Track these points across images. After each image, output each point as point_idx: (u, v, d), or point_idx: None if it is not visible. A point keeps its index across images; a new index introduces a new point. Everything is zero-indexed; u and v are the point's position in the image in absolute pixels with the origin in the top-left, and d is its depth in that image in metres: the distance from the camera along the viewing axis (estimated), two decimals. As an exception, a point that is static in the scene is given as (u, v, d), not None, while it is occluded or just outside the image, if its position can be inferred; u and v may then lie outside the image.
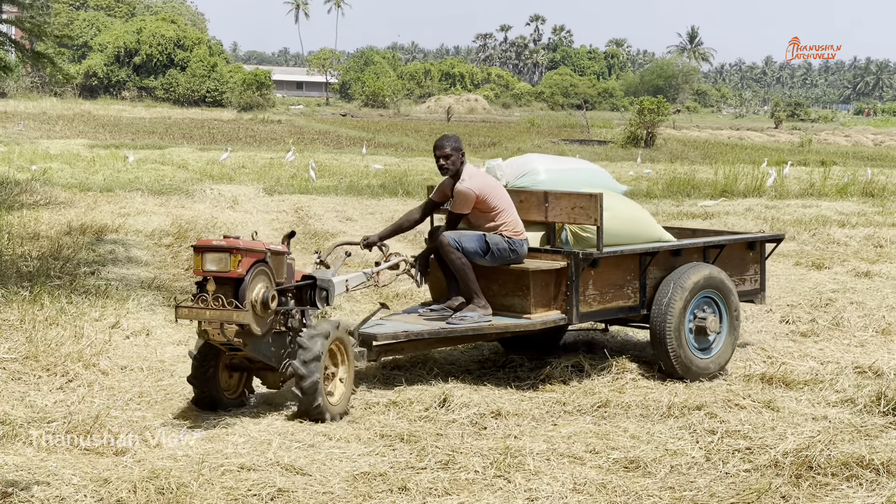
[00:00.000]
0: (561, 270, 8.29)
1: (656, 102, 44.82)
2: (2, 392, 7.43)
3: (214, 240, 6.84)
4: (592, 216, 8.25)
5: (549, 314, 8.30)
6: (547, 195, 8.59)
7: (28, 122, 45.57)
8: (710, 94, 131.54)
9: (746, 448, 6.85)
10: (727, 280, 8.93)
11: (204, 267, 6.76)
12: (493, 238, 8.24)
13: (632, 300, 8.70)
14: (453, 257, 8.17)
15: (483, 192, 8.27)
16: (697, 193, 23.90)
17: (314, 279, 7.57)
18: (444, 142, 8.34)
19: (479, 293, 8.23)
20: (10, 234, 13.74)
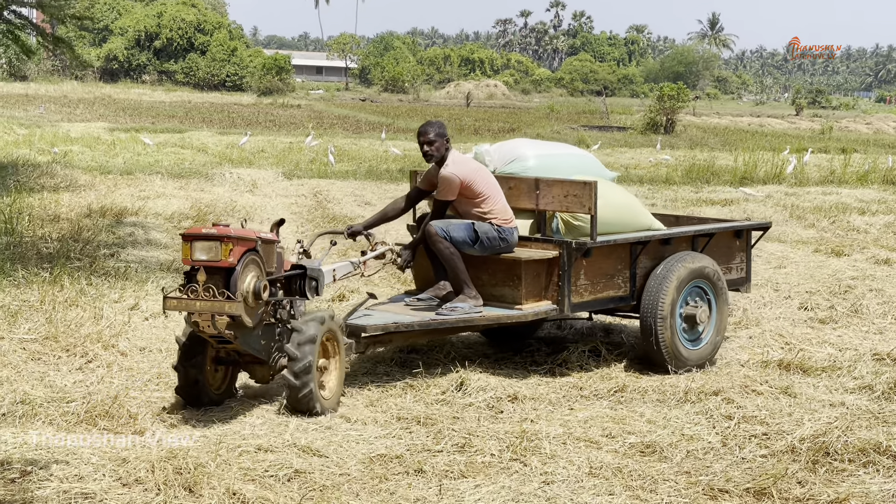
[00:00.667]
0: (553, 260, 8.08)
1: (676, 89, 44.68)
2: (22, 372, 7.48)
3: (204, 228, 6.53)
4: (586, 205, 8.02)
5: (540, 305, 8.09)
6: (538, 182, 8.33)
7: (49, 105, 45.75)
8: (730, 81, 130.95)
9: (763, 434, 6.85)
10: (717, 270, 8.71)
11: (193, 256, 6.48)
12: (482, 226, 8.01)
13: (622, 290, 8.48)
14: (441, 247, 7.94)
15: (468, 177, 8.03)
16: (717, 180, 23.82)
17: (304, 269, 7.30)
18: (428, 127, 8.12)
19: (470, 283, 8.00)
20: (31, 217, 13.82)
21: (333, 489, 5.71)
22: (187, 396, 7.00)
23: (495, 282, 8.15)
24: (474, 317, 7.89)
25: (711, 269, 8.63)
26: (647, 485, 5.96)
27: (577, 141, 34.99)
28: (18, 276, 10.19)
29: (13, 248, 11.70)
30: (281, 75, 75.08)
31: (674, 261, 8.45)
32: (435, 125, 8.13)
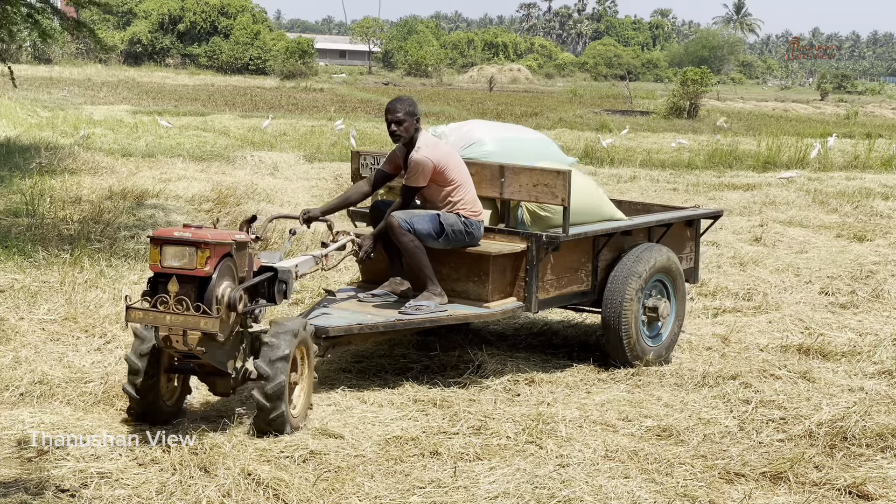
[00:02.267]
0: (519, 254, 7.55)
1: (700, 73, 44.41)
2: (41, 352, 7.52)
3: (176, 230, 5.82)
4: (559, 195, 7.43)
5: (507, 302, 7.57)
6: (503, 169, 7.71)
7: (73, 88, 45.90)
8: (755, 66, 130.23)
9: (781, 418, 6.83)
10: (677, 262, 8.36)
11: (164, 262, 5.75)
12: (448, 218, 7.38)
13: (585, 284, 8.03)
14: (405, 240, 7.27)
15: (441, 162, 7.38)
16: (739, 165, 23.70)
17: (275, 271, 6.52)
18: (397, 104, 7.41)
19: (434, 279, 7.38)
20: (53, 198, 13.88)
21: (348, 470, 5.72)
22: (140, 417, 6.23)
23: (458, 276, 7.59)
24: (441, 316, 7.28)
25: (672, 261, 8.28)
26: (663, 468, 5.94)
27: (600, 125, 34.89)
28: (39, 258, 10.24)
29: (34, 230, 11.75)
30: (304, 59, 75.08)
31: (637, 253, 8.05)
32: (405, 102, 7.43)
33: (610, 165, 22.70)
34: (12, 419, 6.21)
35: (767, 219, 15.09)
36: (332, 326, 6.89)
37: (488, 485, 5.58)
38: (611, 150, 24.98)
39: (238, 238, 6.03)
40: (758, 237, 13.73)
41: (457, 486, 5.57)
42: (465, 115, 39.66)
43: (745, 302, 10.22)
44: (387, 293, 7.60)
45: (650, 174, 21.09)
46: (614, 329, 7.87)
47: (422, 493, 5.47)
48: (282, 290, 6.53)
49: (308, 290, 9.72)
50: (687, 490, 5.61)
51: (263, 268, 6.49)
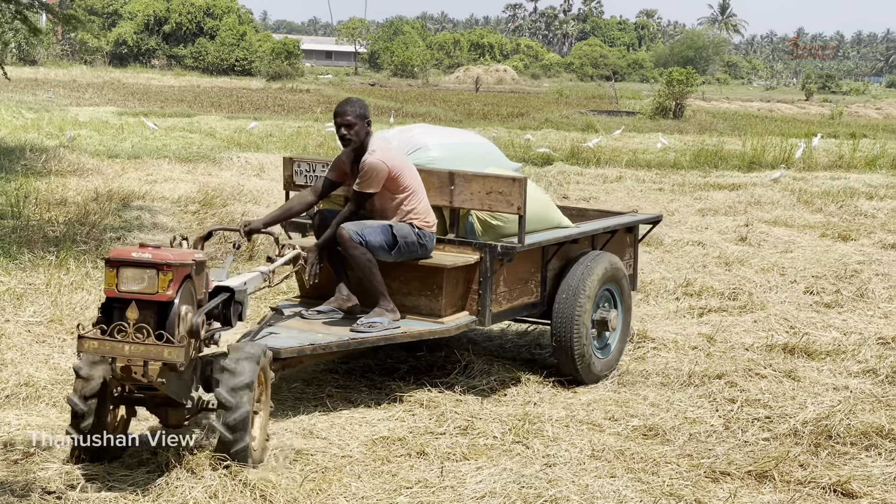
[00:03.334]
0: (472, 266, 7.15)
1: (685, 73, 44.49)
2: (27, 354, 7.51)
3: (133, 250, 5.33)
4: (515, 203, 7.04)
5: (460, 316, 7.16)
6: (453, 176, 7.25)
7: (58, 90, 45.75)
8: (740, 66, 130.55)
9: (766, 417, 6.87)
10: (624, 270, 8.08)
11: (121, 286, 5.25)
12: (400, 229, 6.91)
13: (534, 295, 7.67)
14: (356, 253, 6.77)
15: (395, 167, 6.90)
16: (725, 165, 23.77)
17: (231, 291, 6.00)
18: (346, 107, 6.88)
19: (387, 295, 6.91)
20: (38, 200, 13.84)
21: (335, 471, 5.73)
22: (91, 458, 5.66)
23: (409, 291, 7.13)
24: (395, 333, 6.82)
25: (620, 269, 8.00)
26: (649, 467, 5.97)
27: (586, 125, 34.93)
28: (24, 260, 10.22)
29: (20, 232, 11.73)
30: (290, 60, 74.99)
31: (586, 263, 7.69)
32: (355, 104, 6.91)
33: (596, 166, 22.74)
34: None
35: (753, 218, 15.16)
36: (285, 348, 6.33)
37: (475, 485, 5.60)
38: (597, 150, 25.01)
39: (198, 258, 5.56)
40: (743, 237, 13.79)
41: (444, 485, 5.58)
42: (452, 115, 39.68)
43: (731, 301, 10.26)
44: (333, 309, 7.10)
45: (636, 174, 21.14)
46: (565, 343, 7.46)
47: (409, 494, 5.49)
48: (237, 311, 6.05)
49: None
50: (673, 489, 5.64)
51: (218, 288, 5.98)
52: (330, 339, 6.59)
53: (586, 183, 19.60)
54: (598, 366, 7.69)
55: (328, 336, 6.65)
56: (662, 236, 13.38)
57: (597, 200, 17.14)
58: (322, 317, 7.07)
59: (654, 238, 13.28)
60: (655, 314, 9.74)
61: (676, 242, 13.14)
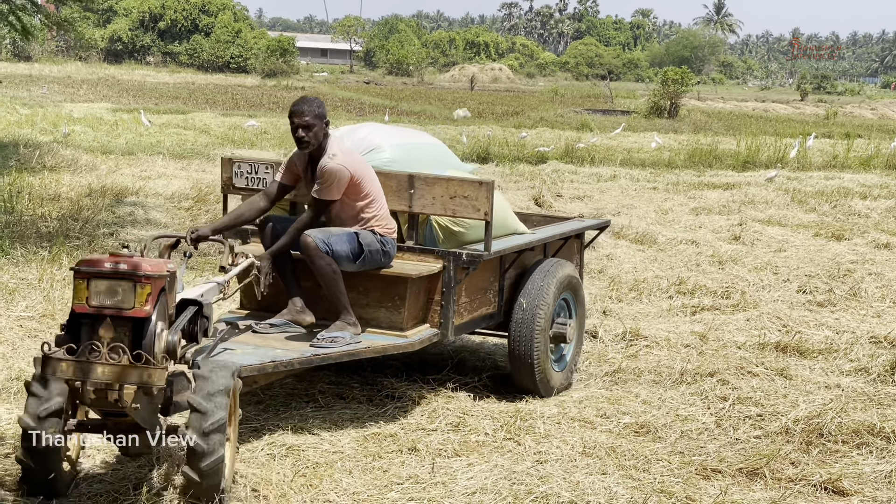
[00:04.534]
0: (434, 276, 6.71)
1: (681, 73, 44.55)
2: (18, 349, 7.49)
3: (105, 259, 4.81)
4: (481, 208, 6.63)
5: (422, 329, 6.70)
6: (413, 179, 6.79)
7: (52, 86, 45.70)
8: (735, 66, 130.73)
9: (758, 415, 6.88)
10: (579, 278, 7.76)
11: (93, 300, 4.72)
12: (365, 237, 6.45)
13: (492, 306, 7.27)
14: (322, 263, 6.27)
15: (357, 172, 6.44)
16: (719, 164, 23.80)
17: (199, 304, 5.49)
18: (303, 106, 6.38)
19: (349, 307, 6.43)
20: (31, 195, 13.82)
21: (326, 466, 5.73)
22: (38, 492, 5.05)
23: (368, 302, 6.64)
24: (358, 348, 6.32)
25: (576, 278, 7.66)
26: (641, 464, 5.97)
27: (581, 124, 34.94)
28: (17, 255, 10.21)
29: (12, 227, 11.70)
30: (285, 57, 74.96)
31: (545, 270, 7.32)
32: (312, 103, 6.41)
33: (591, 164, 22.75)
34: (-11, 415, 6.20)
35: (746, 218, 15.16)
36: (245, 365, 5.69)
37: (466, 481, 5.59)
38: (591, 149, 25.02)
39: (171, 269, 5.09)
40: (737, 236, 13.80)
41: (435, 482, 5.58)
42: (446, 113, 39.67)
43: (724, 300, 10.27)
44: (286, 323, 6.54)
45: (630, 173, 21.15)
46: (524, 356, 7.09)
47: (399, 489, 5.48)
48: (204, 326, 5.53)
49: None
50: (664, 486, 5.64)
51: (184, 301, 5.44)
52: (291, 356, 6.05)
53: (580, 181, 19.60)
54: (556, 379, 7.33)
55: (288, 352, 6.11)
56: (656, 235, 13.39)
57: (591, 199, 17.14)
58: (275, 330, 6.50)
59: (648, 236, 13.30)
60: (648, 312, 9.75)
61: (670, 241, 13.14)
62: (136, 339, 4.81)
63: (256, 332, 6.47)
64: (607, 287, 10.51)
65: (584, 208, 15.92)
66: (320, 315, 6.54)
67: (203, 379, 4.95)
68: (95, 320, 4.75)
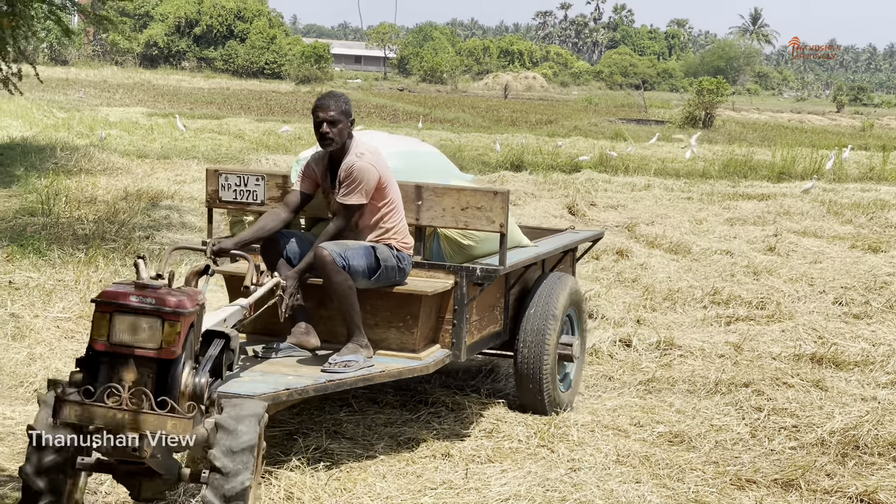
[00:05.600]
0: (446, 293, 6.28)
1: (715, 83, 44.44)
2: (55, 350, 7.55)
3: (131, 290, 4.31)
4: (496, 220, 6.22)
5: (434, 350, 6.26)
6: (420, 190, 6.34)
7: (88, 90, 46.05)
8: (771, 77, 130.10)
9: (793, 426, 6.82)
10: (582, 293, 7.45)
11: (114, 337, 4.24)
12: (382, 251, 5.98)
13: (499, 324, 6.86)
14: (339, 279, 5.76)
15: (385, 174, 6.01)
16: (754, 175, 23.70)
17: (226, 337, 4.88)
18: (329, 101, 5.99)
19: (362, 328, 5.95)
20: (68, 198, 13.93)
21: (360, 471, 5.74)
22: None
23: (376, 322, 6.16)
24: (373, 373, 5.85)
25: (580, 293, 7.34)
26: (675, 474, 5.94)
27: (615, 133, 34.89)
28: (54, 257, 10.30)
29: (50, 229, 11.81)
30: (320, 64, 75.24)
31: (549, 287, 6.94)
32: (339, 98, 6.01)
33: (624, 173, 22.71)
34: (26, 415, 6.25)
35: (782, 229, 15.08)
36: (258, 394, 5.23)
37: (499, 487, 5.59)
38: (625, 158, 24.97)
39: (201, 300, 4.54)
40: (772, 247, 13.72)
41: (468, 487, 5.58)
42: (480, 121, 39.72)
43: (759, 311, 10.21)
44: (291, 346, 6.05)
45: (664, 183, 21.10)
46: (532, 376, 6.73)
47: (433, 494, 5.49)
48: (230, 360, 4.94)
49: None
50: (698, 496, 5.62)
51: (208, 333, 4.81)
52: (305, 382, 5.57)
53: (614, 190, 19.57)
54: (562, 398, 6.96)
55: (301, 378, 5.63)
56: (690, 244, 13.34)
57: (624, 208, 17.10)
58: (280, 355, 6.05)
59: (682, 246, 13.26)
60: (682, 322, 9.71)
61: (704, 251, 13.09)
62: (161, 381, 4.33)
63: (260, 358, 5.99)
64: (641, 296, 10.48)
65: (618, 217, 15.90)
66: (322, 336, 6.05)
67: (227, 433, 4.37)
68: (116, 359, 4.25)
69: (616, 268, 11.70)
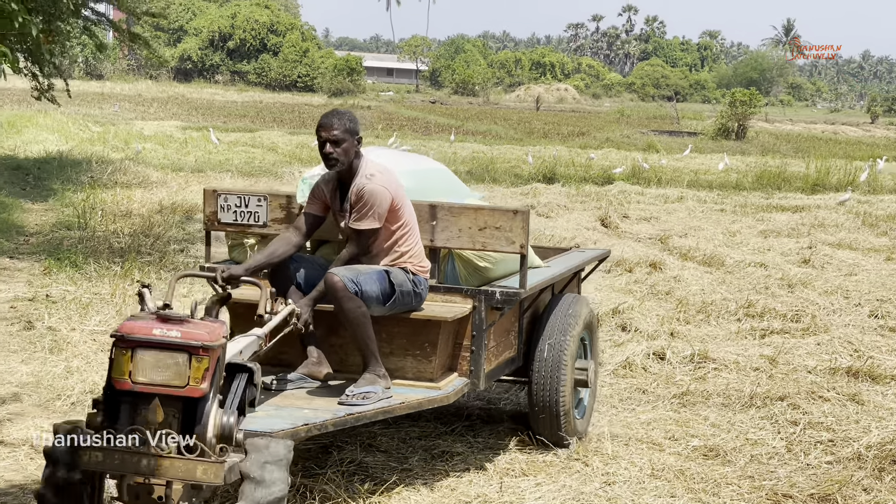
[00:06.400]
0: (464, 318, 5.93)
1: (748, 94, 44.27)
2: (92, 363, 7.61)
3: (154, 322, 4.05)
4: (517, 240, 5.87)
5: (452, 379, 5.91)
6: (435, 210, 5.99)
7: (123, 104, 46.42)
8: (804, 88, 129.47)
9: (829, 440, 6.78)
10: (595, 315, 7.12)
11: (138, 375, 3.96)
12: (397, 276, 5.66)
13: (513, 349, 6.46)
14: (351, 307, 5.43)
15: (398, 195, 5.70)
16: (788, 187, 23.59)
17: (250, 371, 4.45)
18: (333, 119, 5.62)
19: (378, 357, 5.60)
20: (104, 212, 14.06)
21: (395, 484, 5.75)
22: None
23: (391, 350, 5.83)
24: (393, 405, 5.53)
25: (594, 315, 6.98)
26: (710, 488, 5.92)
27: (647, 145, 34.82)
28: (90, 270, 10.39)
29: (86, 243, 11.92)
30: (352, 77, 75.53)
31: (565, 307, 6.57)
32: (343, 116, 5.65)
33: (657, 185, 22.65)
34: (64, 427, 6.29)
35: (816, 241, 14.99)
36: (277, 430, 4.89)
37: (534, 501, 5.59)
38: (658, 170, 24.92)
39: (227, 332, 4.27)
40: (806, 259, 13.64)
41: (502, 501, 5.59)
42: (513, 133, 39.74)
43: (794, 323, 10.15)
44: (302, 377, 5.72)
45: (697, 195, 21.04)
46: (549, 404, 6.34)
47: (468, 508, 5.49)
48: (252, 396, 4.50)
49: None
50: (734, 510, 5.59)
51: (234, 367, 4.43)
52: (323, 417, 5.23)
53: (647, 203, 19.52)
54: (578, 427, 6.60)
55: (318, 412, 5.30)
56: (724, 257, 13.29)
57: (657, 220, 17.06)
58: (291, 386, 5.70)
59: (715, 258, 13.20)
60: (716, 335, 9.67)
61: (738, 263, 13.03)
62: (187, 420, 4.05)
63: (271, 389, 5.63)
64: (675, 309, 10.45)
65: (650, 229, 15.86)
66: (333, 365, 5.81)
67: (254, 483, 4.01)
68: (138, 398, 3.98)
69: (649, 280, 11.67)
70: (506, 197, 19.19)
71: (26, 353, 7.87)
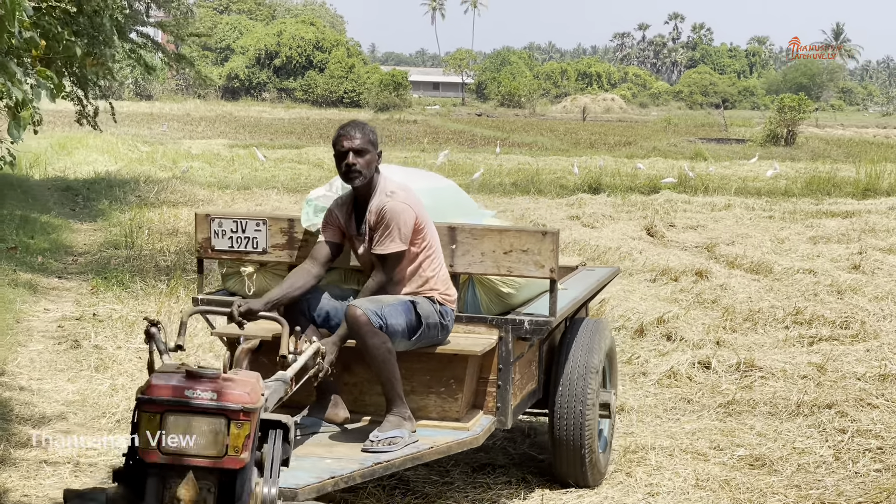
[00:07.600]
0: (489, 351, 5.45)
1: (797, 100, 43.86)
2: (137, 381, 7.65)
3: (185, 382, 3.56)
4: (546, 264, 5.41)
5: (479, 418, 5.44)
6: (455, 232, 5.51)
7: (172, 123, 46.86)
8: (856, 92, 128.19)
9: (878, 448, 6.68)
10: (615, 342, 6.66)
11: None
12: (423, 307, 5.20)
13: (535, 380, 6.03)
14: (376, 342, 4.97)
15: (421, 214, 5.25)
16: (838, 192, 23.34)
17: (284, 427, 3.85)
18: (353, 129, 5.21)
19: (403, 397, 5.15)
20: (150, 231, 14.18)
21: (436, 497, 5.73)
22: None
23: (412, 387, 5.36)
24: (422, 451, 5.08)
25: (614, 341, 6.57)
26: (756, 498, 5.85)
27: (695, 153, 34.60)
28: (136, 288, 10.47)
29: (132, 261, 12.03)
30: (398, 91, 75.74)
31: (586, 334, 6.04)
32: (365, 127, 5.27)
33: (704, 193, 22.49)
34: (108, 445, 6.33)
35: (867, 246, 14.79)
36: (302, 487, 4.51)
37: (576, 513, 5.55)
38: (704, 178, 24.75)
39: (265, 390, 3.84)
40: (856, 265, 13.45)
41: (544, 514, 5.55)
42: (559, 144, 39.66)
43: (842, 330, 10.01)
44: (317, 421, 5.29)
45: (745, 202, 20.85)
46: (572, 439, 5.82)
47: (509, 521, 5.46)
48: (287, 454, 3.91)
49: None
50: (779, 520, 5.52)
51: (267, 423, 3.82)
52: (350, 468, 4.80)
53: (693, 211, 19.38)
54: (601, 462, 6.09)
55: (342, 461, 4.87)
56: (772, 264, 13.15)
57: (704, 229, 16.93)
58: (305, 431, 5.23)
59: (763, 266, 13.07)
60: (764, 343, 9.56)
61: (786, 270, 12.88)
62: (224, 495, 3.57)
63: None
64: (721, 317, 10.34)
65: (697, 238, 15.73)
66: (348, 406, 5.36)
67: None
68: (168, 470, 3.51)
69: (695, 289, 11.56)
70: (551, 208, 19.14)
71: (73, 371, 7.95)
